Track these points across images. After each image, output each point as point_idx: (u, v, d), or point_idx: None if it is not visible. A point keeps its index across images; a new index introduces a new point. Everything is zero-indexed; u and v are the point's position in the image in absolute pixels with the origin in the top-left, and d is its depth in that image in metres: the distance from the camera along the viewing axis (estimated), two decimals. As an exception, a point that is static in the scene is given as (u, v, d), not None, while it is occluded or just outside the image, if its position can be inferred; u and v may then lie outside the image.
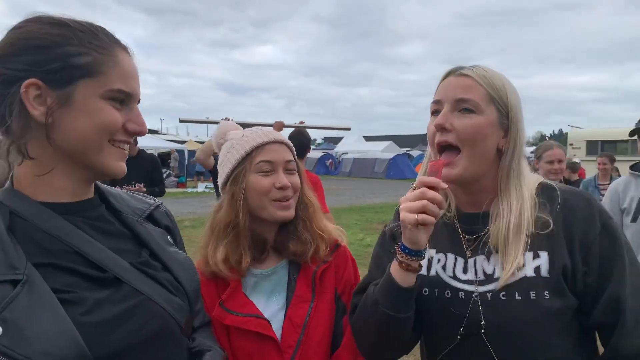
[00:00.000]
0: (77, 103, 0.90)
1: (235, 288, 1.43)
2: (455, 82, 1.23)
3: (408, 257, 1.16)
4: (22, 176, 0.94)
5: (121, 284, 0.93)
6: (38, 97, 0.88)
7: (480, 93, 1.20)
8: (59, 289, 0.84)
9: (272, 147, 1.47)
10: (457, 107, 1.21)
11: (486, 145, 1.21)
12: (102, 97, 0.92)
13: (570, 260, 1.16)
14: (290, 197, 1.47)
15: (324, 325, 1.43)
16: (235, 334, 1.40)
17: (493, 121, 1.20)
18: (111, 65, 0.93)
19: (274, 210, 1.45)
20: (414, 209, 1.11)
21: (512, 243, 1.17)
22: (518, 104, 1.24)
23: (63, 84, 0.89)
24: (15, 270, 0.81)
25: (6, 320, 0.76)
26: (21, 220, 0.89)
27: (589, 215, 1.19)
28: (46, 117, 0.88)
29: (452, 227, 1.31)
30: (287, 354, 1.38)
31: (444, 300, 1.24)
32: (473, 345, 1.17)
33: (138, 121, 0.98)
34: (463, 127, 1.19)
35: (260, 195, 1.44)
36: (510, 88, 1.24)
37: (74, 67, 0.89)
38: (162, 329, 0.96)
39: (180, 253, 1.13)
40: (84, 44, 0.91)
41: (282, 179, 1.44)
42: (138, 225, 1.07)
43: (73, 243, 0.91)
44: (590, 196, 1.26)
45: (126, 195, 1.14)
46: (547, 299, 1.13)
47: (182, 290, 1.05)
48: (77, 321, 0.82)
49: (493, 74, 1.23)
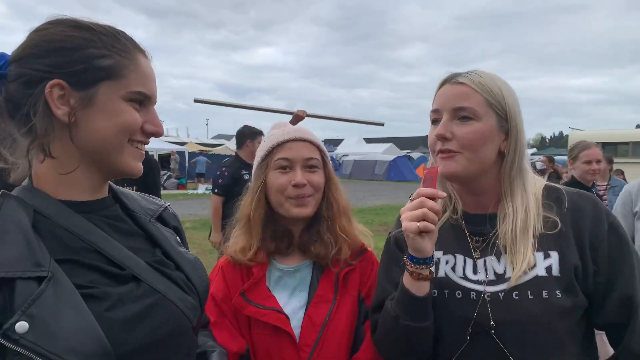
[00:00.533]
0: (99, 104, 0.92)
1: (258, 280, 1.44)
2: (451, 90, 1.25)
3: (417, 266, 1.20)
4: (42, 174, 0.96)
5: (139, 282, 0.95)
6: (61, 97, 0.91)
7: (477, 100, 1.22)
8: (82, 284, 0.86)
9: (292, 145, 1.49)
10: (456, 116, 1.23)
11: (486, 150, 1.23)
12: (123, 98, 0.94)
13: (581, 260, 1.18)
14: (308, 195, 1.47)
15: (343, 327, 1.43)
16: (255, 325, 1.42)
17: (492, 126, 1.22)
18: (132, 68, 0.96)
19: (289, 207, 1.47)
20: (414, 217, 1.15)
21: (520, 243, 1.19)
22: (516, 106, 1.26)
23: (86, 85, 0.91)
24: (41, 267, 0.82)
25: (33, 317, 0.77)
26: (43, 217, 0.91)
27: (597, 215, 1.21)
28: (69, 117, 0.91)
29: (458, 228, 1.33)
30: (305, 352, 1.39)
31: (454, 301, 1.25)
32: (485, 345, 1.18)
33: (155, 122, 1.01)
34: (463, 135, 1.21)
35: (277, 192, 1.47)
36: (507, 90, 1.25)
37: (97, 69, 0.92)
38: (178, 327, 0.98)
39: (189, 253, 1.15)
40: (107, 47, 0.94)
41: (297, 177, 1.45)
42: (150, 225, 1.09)
43: (93, 241, 0.93)
44: (595, 197, 1.28)
45: (137, 196, 1.16)
46: (559, 298, 1.15)
47: (194, 289, 1.07)
48: (102, 317, 0.83)
49: (489, 78, 1.25)
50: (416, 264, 1.19)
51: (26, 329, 0.76)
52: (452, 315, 1.24)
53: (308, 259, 1.51)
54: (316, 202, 1.50)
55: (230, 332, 1.41)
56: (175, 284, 1.02)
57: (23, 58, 0.91)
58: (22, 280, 0.80)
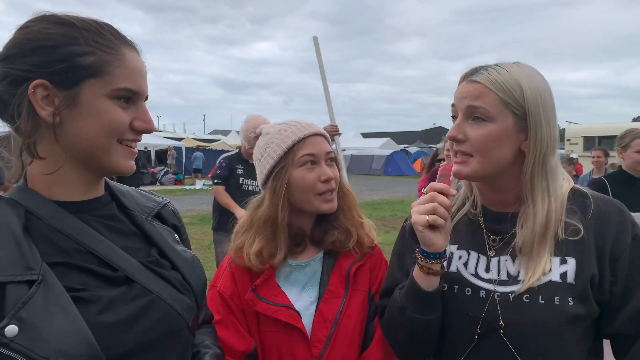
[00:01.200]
0: (84, 103, 0.90)
1: (269, 276, 1.42)
2: (466, 88, 1.20)
3: (428, 260, 1.19)
4: (34, 175, 0.95)
5: (132, 283, 0.94)
6: (46, 97, 0.89)
7: (491, 99, 1.16)
8: (73, 287, 0.85)
9: (313, 140, 1.45)
10: (469, 116, 1.19)
11: (501, 152, 1.18)
12: (108, 96, 0.92)
13: (599, 269, 1.15)
14: (334, 188, 1.46)
15: (355, 322, 1.42)
16: (264, 322, 1.40)
17: (508, 127, 1.17)
18: (117, 64, 0.93)
19: (320, 204, 1.44)
20: (424, 211, 1.15)
21: (538, 247, 1.17)
22: (539, 103, 1.17)
23: (69, 84, 0.89)
24: (31, 270, 0.81)
25: (22, 320, 0.77)
26: (36, 219, 0.90)
27: (622, 226, 1.17)
28: (54, 118, 0.89)
29: (476, 224, 1.30)
30: (317, 348, 1.38)
31: (463, 298, 1.23)
32: (493, 345, 1.17)
33: (145, 118, 0.98)
34: (475, 137, 1.17)
35: (306, 189, 1.43)
36: (530, 87, 1.17)
37: (79, 67, 0.89)
38: (171, 328, 0.97)
39: (187, 252, 1.13)
40: (89, 43, 0.91)
41: (326, 172, 1.44)
42: (147, 223, 1.08)
43: (86, 242, 0.92)
44: (622, 205, 1.23)
45: (135, 193, 1.15)
46: (570, 305, 1.13)
47: (190, 289, 1.05)
48: (94, 321, 0.83)
49: (509, 75, 1.17)
50: (427, 258, 1.19)
51: (16, 333, 0.76)
52: (460, 311, 1.23)
53: (319, 253, 1.50)
54: (336, 195, 1.49)
55: (237, 330, 1.39)
56: (170, 284, 1.01)
57: (8, 57, 0.89)
58: (12, 284, 0.79)
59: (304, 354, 1.37)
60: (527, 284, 1.15)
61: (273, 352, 1.40)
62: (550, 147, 1.19)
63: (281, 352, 1.39)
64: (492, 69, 1.19)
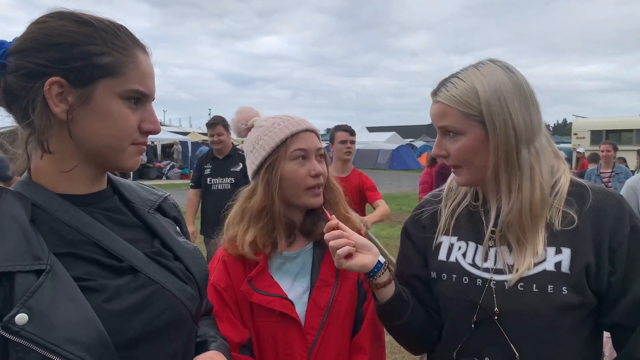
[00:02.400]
0: (96, 102, 0.92)
1: (263, 268, 1.46)
2: (433, 110, 1.28)
3: (370, 279, 1.29)
4: (41, 169, 0.96)
5: (137, 273, 0.96)
6: (60, 94, 0.90)
7: (455, 116, 1.22)
8: (80, 277, 0.87)
9: (305, 135, 1.49)
10: (444, 133, 1.27)
11: (481, 159, 1.23)
12: (119, 96, 0.94)
13: (596, 259, 1.17)
14: (322, 184, 1.50)
15: (346, 308, 1.48)
16: (259, 313, 1.44)
17: (478, 135, 1.21)
18: (131, 66, 0.95)
19: (308, 198, 1.48)
20: (337, 246, 1.25)
21: (530, 235, 1.20)
22: (495, 102, 1.17)
23: (84, 82, 0.91)
24: (39, 260, 0.83)
25: (32, 309, 0.79)
26: (41, 211, 0.92)
27: (620, 216, 1.19)
28: (67, 115, 0.91)
29: (477, 216, 1.34)
30: (311, 335, 1.43)
31: (460, 286, 1.27)
32: (489, 333, 1.20)
33: (152, 120, 1.00)
34: (454, 152, 1.25)
35: (296, 183, 1.47)
36: (485, 89, 1.18)
37: (96, 66, 0.91)
38: (176, 317, 0.99)
39: (189, 243, 1.15)
40: (106, 43, 0.93)
41: (316, 167, 1.47)
42: (149, 216, 1.10)
43: (91, 234, 0.94)
44: (621, 197, 1.25)
45: (136, 186, 1.17)
46: (564, 294, 1.15)
47: (193, 279, 1.08)
48: (101, 309, 0.85)
49: (466, 86, 1.20)
50: (368, 277, 1.29)
51: (26, 321, 0.78)
52: (458, 300, 1.26)
53: (310, 244, 1.54)
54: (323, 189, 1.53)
55: (231, 322, 1.42)
56: (174, 274, 1.03)
57: (23, 51, 0.90)
58: (21, 273, 0.81)
59: (298, 341, 1.42)
60: (520, 271, 1.19)
61: (268, 341, 1.43)
62: (520, 140, 1.19)
63: (276, 341, 1.42)
64: (450, 83, 1.23)
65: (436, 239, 1.37)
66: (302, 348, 1.41)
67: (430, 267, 1.36)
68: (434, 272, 1.34)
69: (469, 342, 1.24)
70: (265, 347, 1.44)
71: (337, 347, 1.45)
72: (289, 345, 1.41)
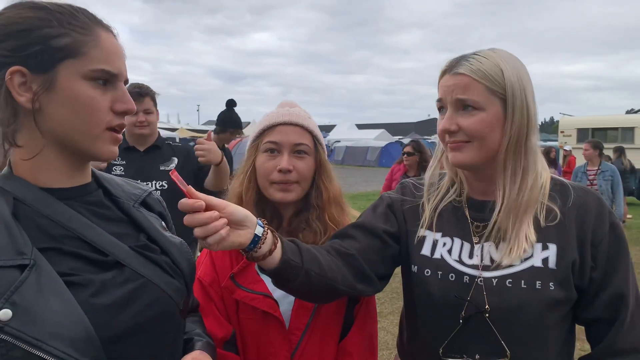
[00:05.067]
0: (61, 87, 0.90)
1: (248, 263, 1.40)
2: (451, 81, 1.22)
3: (249, 254, 1.11)
4: (19, 162, 0.94)
5: (122, 267, 0.94)
6: (23, 84, 0.88)
7: (479, 90, 1.18)
8: (64, 272, 0.85)
9: (282, 129, 1.45)
10: (459, 107, 1.21)
11: (493, 137, 1.20)
12: (84, 77, 0.91)
13: (579, 255, 1.19)
14: (293, 181, 1.44)
15: (333, 311, 1.43)
16: (243, 310, 1.41)
17: (498, 112, 1.19)
18: (92, 45, 0.92)
19: (273, 192, 1.44)
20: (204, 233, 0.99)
21: (519, 231, 1.20)
22: (519, 88, 1.19)
23: (45, 67, 0.89)
24: (23, 255, 0.82)
25: (16, 304, 0.77)
26: (24, 205, 0.90)
27: (601, 213, 1.22)
28: (33, 104, 0.88)
29: (461, 212, 1.33)
30: (296, 336, 1.38)
31: (447, 283, 1.25)
32: (477, 329, 1.20)
33: (124, 99, 0.97)
34: (469, 126, 1.20)
35: (263, 175, 1.45)
36: (510, 70, 1.19)
37: (54, 49, 0.89)
38: (163, 310, 0.98)
39: (175, 237, 1.14)
40: (63, 25, 0.90)
41: (282, 162, 1.42)
42: (134, 210, 1.08)
43: (74, 228, 0.92)
44: (599, 194, 1.28)
45: (120, 181, 1.15)
46: (551, 290, 1.17)
47: (180, 273, 1.06)
48: (87, 303, 0.84)
49: (491, 63, 1.20)
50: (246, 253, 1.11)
51: (10, 317, 0.76)
52: (444, 297, 1.25)
53: None
54: (302, 189, 1.47)
55: (216, 317, 1.40)
56: (161, 267, 1.02)
57: None
58: (3, 268, 0.79)
59: (281, 341, 1.38)
60: (507, 266, 1.19)
61: (251, 338, 1.40)
62: (531, 126, 1.22)
63: (259, 339, 1.39)
64: (472, 58, 1.21)
65: (418, 232, 1.34)
66: (285, 348, 1.38)
67: (411, 260, 1.34)
68: (414, 265, 1.32)
69: (456, 339, 1.23)
70: (248, 345, 1.41)
71: (323, 350, 1.41)
72: (271, 345, 1.38)
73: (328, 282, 1.21)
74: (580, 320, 1.26)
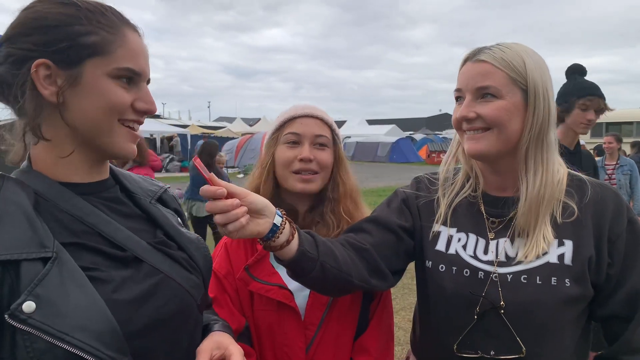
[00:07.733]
0: (86, 83, 0.91)
1: (263, 256, 1.43)
2: (473, 69, 1.22)
3: (266, 243, 1.12)
4: (40, 157, 0.95)
5: (141, 263, 0.95)
6: (48, 77, 0.89)
7: (500, 77, 1.18)
8: (86, 266, 0.86)
9: (303, 121, 1.48)
10: (479, 95, 1.21)
11: (513, 126, 1.19)
12: (109, 75, 0.92)
13: (596, 252, 1.18)
14: (313, 171, 1.46)
15: (349, 306, 1.43)
16: (258, 302, 1.42)
17: (517, 102, 1.19)
18: (119, 43, 0.93)
19: (294, 183, 1.45)
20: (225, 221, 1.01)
21: (534, 224, 1.19)
22: (541, 81, 1.19)
23: (72, 63, 0.90)
24: (45, 248, 0.82)
25: (39, 297, 0.78)
26: (43, 200, 0.91)
27: (618, 209, 1.21)
28: (57, 97, 0.89)
29: (476, 207, 1.32)
30: (310, 330, 1.39)
31: (461, 279, 1.25)
32: (492, 324, 1.19)
33: (147, 99, 0.98)
34: (488, 113, 1.19)
35: (283, 166, 1.46)
36: (532, 62, 1.20)
37: (82, 46, 0.90)
38: (182, 306, 0.99)
39: (191, 233, 1.15)
40: (92, 23, 0.92)
41: (304, 152, 1.45)
42: (151, 206, 1.09)
43: (94, 223, 0.93)
44: (617, 190, 1.27)
45: (137, 177, 1.16)
46: (567, 287, 1.16)
47: (197, 268, 1.07)
48: (109, 298, 0.84)
49: (513, 53, 1.20)
50: (264, 242, 1.12)
51: (33, 309, 0.77)
52: (459, 292, 1.24)
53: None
54: (322, 180, 1.48)
55: (229, 309, 1.41)
56: (178, 263, 1.03)
57: (11, 38, 0.90)
58: (27, 261, 0.80)
59: (296, 332, 1.38)
60: (524, 263, 1.18)
61: (266, 331, 1.41)
62: (550, 121, 1.21)
63: (274, 331, 1.40)
64: (495, 48, 1.21)
65: (433, 227, 1.34)
66: (300, 340, 1.38)
67: (425, 255, 1.34)
68: (429, 261, 1.32)
69: (471, 335, 1.22)
70: (263, 337, 1.42)
71: (337, 344, 1.41)
72: (287, 336, 1.39)
73: (343, 275, 1.22)
74: (596, 317, 1.25)
